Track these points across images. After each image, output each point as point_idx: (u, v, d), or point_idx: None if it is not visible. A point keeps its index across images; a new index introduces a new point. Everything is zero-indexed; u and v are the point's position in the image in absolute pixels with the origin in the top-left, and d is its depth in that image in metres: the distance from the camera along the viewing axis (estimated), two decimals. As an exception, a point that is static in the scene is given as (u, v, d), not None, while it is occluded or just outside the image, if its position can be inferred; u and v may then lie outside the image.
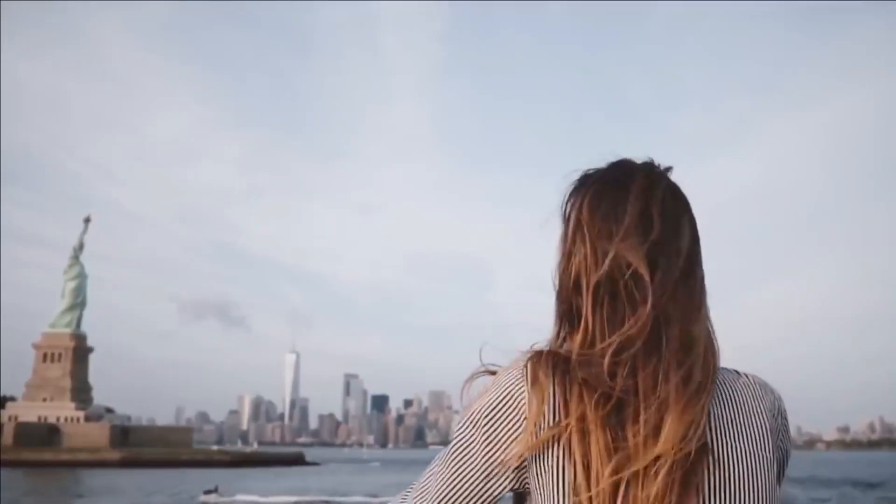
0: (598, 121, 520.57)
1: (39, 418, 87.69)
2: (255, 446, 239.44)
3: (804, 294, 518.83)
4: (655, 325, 0.97)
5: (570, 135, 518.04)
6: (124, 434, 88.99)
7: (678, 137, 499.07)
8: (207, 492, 38.87)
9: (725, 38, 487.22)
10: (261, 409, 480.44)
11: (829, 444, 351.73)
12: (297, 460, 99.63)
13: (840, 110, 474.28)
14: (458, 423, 1.02)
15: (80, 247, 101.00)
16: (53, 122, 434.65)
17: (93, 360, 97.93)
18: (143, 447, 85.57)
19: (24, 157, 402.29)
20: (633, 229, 1.00)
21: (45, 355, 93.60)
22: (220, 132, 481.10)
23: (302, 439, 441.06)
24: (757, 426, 1.00)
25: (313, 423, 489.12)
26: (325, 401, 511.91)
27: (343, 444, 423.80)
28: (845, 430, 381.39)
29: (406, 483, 1.05)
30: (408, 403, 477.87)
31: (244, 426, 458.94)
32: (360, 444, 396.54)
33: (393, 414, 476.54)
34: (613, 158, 1.09)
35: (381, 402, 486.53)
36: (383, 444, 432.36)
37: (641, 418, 0.92)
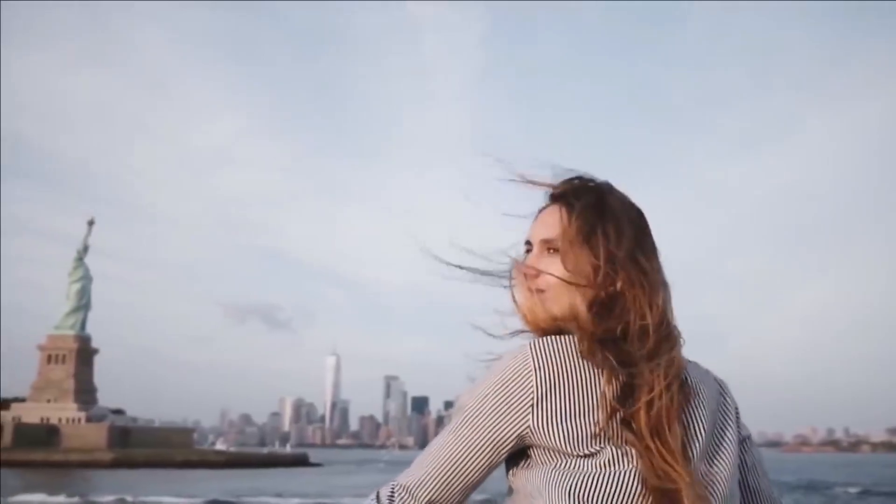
0: (637, 121, 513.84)
1: (42, 419, 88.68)
2: (288, 448, 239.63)
3: (849, 293, 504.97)
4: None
5: (608, 135, 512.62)
6: (124, 435, 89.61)
7: (719, 136, 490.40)
8: None
9: (768, 34, 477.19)
10: (301, 412, 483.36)
11: (875, 447, 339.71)
12: (300, 461, 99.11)
13: (887, 107, 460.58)
14: (469, 397, 1.14)
15: (85, 249, 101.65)
16: (96, 129, 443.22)
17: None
18: (143, 448, 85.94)
19: (72, 165, 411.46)
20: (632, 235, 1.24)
21: (49, 357, 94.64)
22: (260, 137, 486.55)
23: (342, 441, 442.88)
24: (728, 405, 1.22)
25: (354, 425, 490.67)
26: (366, 403, 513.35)
27: (383, 446, 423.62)
28: (894, 431, 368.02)
29: (376, 482, 1.16)
30: (448, 405, 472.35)
31: (286, 428, 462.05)
32: (396, 446, 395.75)
33: (433, 415, 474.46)
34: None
35: (420, 404, 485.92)
36: (423, 446, 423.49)
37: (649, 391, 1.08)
